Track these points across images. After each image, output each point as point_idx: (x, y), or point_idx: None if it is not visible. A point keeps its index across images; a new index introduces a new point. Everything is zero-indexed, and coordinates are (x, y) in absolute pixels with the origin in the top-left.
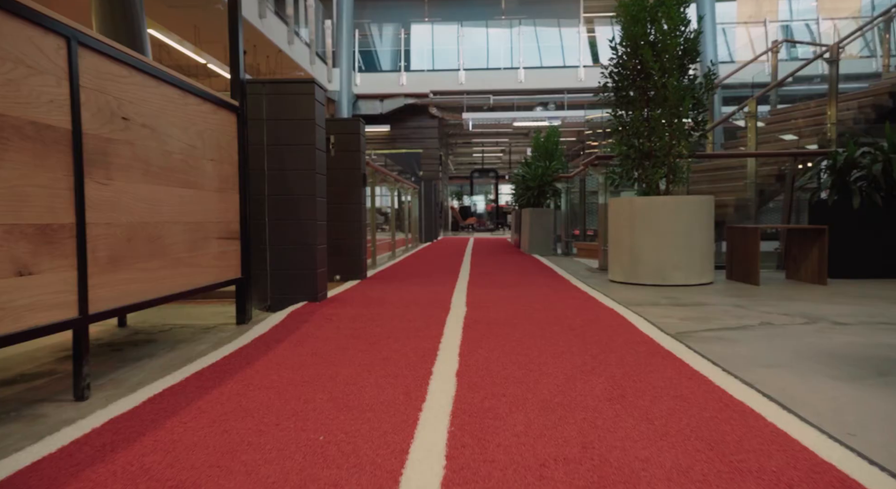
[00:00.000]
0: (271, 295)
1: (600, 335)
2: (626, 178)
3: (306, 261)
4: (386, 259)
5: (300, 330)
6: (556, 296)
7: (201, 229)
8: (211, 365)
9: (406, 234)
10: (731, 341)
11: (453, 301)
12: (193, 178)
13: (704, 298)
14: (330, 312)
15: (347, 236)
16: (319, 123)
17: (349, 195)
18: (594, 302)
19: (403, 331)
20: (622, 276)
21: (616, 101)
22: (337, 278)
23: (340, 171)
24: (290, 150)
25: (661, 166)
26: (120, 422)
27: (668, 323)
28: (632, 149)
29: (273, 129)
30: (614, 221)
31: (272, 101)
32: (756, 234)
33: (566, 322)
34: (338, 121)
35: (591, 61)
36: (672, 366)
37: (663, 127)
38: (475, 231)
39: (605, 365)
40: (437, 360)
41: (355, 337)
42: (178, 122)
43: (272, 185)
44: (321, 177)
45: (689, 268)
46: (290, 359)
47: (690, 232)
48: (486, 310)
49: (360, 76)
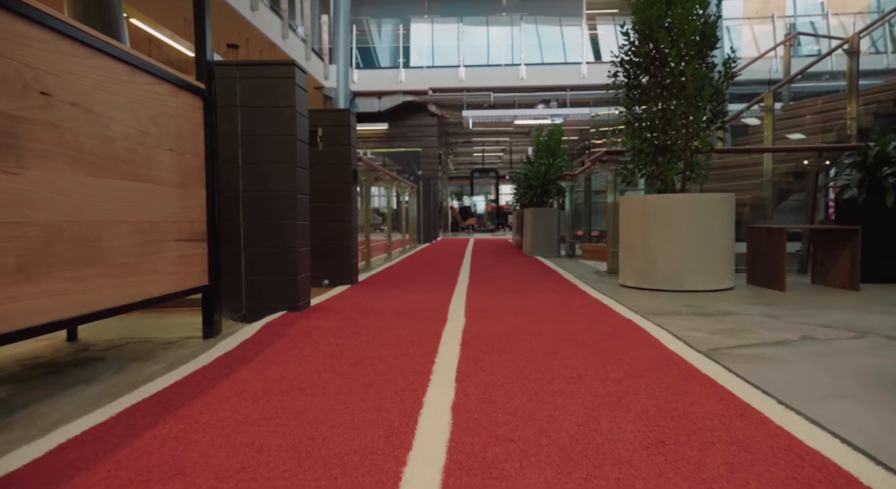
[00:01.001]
0: (246, 304)
1: (621, 353)
2: (638, 174)
3: (286, 265)
4: (382, 261)
5: (272, 346)
6: (565, 304)
7: (156, 230)
8: (155, 394)
9: (403, 235)
10: (774, 361)
11: (451, 310)
12: (145, 169)
13: (729, 306)
14: (310, 324)
15: (337, 238)
16: (301, 111)
17: (339, 193)
18: (607, 311)
19: (392, 349)
20: (634, 281)
21: (628, 92)
22: (325, 283)
23: (329, 166)
24: (268, 141)
25: (678, 161)
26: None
27: (696, 337)
28: (645, 143)
29: (248, 116)
30: (625, 221)
31: (247, 86)
32: (782, 236)
33: (579, 336)
34: (326, 112)
35: (593, 58)
36: (714, 395)
37: (679, 119)
38: (475, 232)
39: (632, 394)
40: (429, 387)
41: (335, 355)
42: (124, 104)
43: (247, 181)
44: (303, 171)
45: (708, 273)
46: (253, 386)
47: (710, 232)
48: (488, 321)
49: (357, 73)
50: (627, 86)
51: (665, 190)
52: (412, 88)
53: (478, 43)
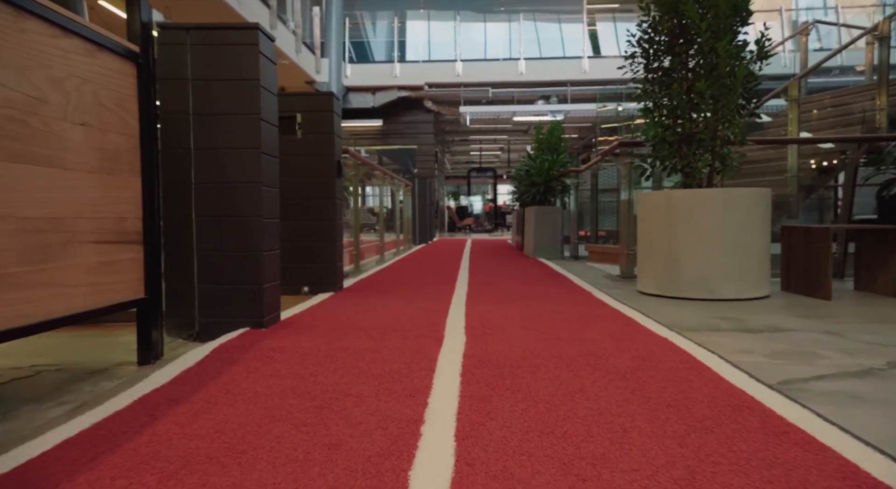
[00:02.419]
0: (200, 319)
1: (668, 389)
2: (659, 167)
3: (249, 272)
4: (373, 264)
5: (220, 378)
6: (582, 316)
7: (60, 229)
8: (16, 468)
9: (398, 236)
10: (876, 403)
11: (448, 324)
12: (40, 148)
13: (774, 319)
14: (275, 346)
15: (318, 238)
16: (267, 86)
17: (320, 188)
18: (633, 325)
19: (373, 382)
20: (656, 287)
21: (647, 76)
22: (305, 291)
23: (309, 157)
24: (227, 122)
25: (706, 152)
26: None
27: (755, 364)
28: (668, 131)
29: (202, 92)
30: (645, 220)
31: (200, 55)
32: (826, 237)
33: (609, 362)
34: (306, 95)
35: (593, 53)
36: (829, 466)
37: (708, 103)
38: (472, 232)
39: (710, 465)
40: (418, 450)
41: (298, 393)
42: (6, 58)
43: (202, 169)
44: (270, 159)
45: (742, 278)
46: (172, 447)
47: (744, 232)
48: (493, 339)
49: (350, 67)
50: (647, 69)
51: (691, 185)
52: (407, 83)
53: (475, 37)
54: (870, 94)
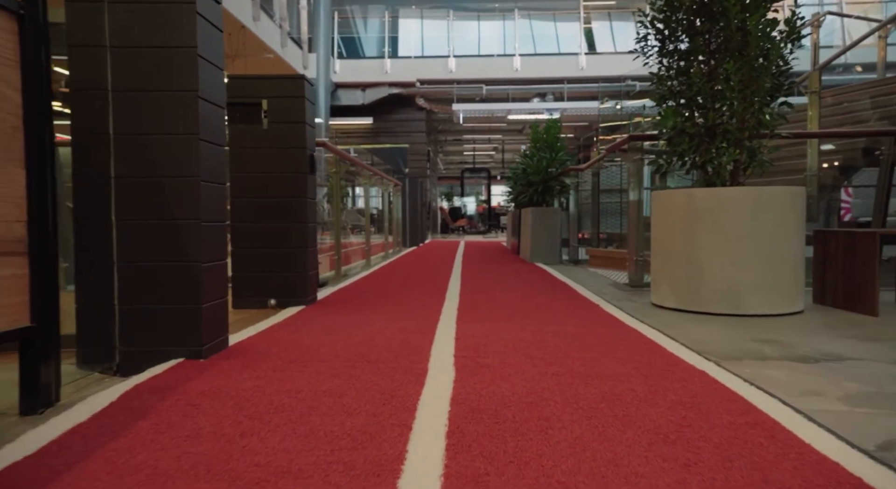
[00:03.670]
0: (121, 347)
1: (736, 464)
2: (677, 163)
3: (183, 289)
4: (359, 269)
5: (115, 442)
6: (595, 339)
7: None
8: None
9: (386, 238)
10: None
11: (434, 352)
12: None
13: (825, 343)
14: (205, 388)
15: (287, 244)
16: (210, 57)
17: (290, 186)
18: (660, 352)
19: (324, 448)
20: (673, 300)
21: (661, 59)
22: (271, 304)
23: (277, 150)
24: (156, 101)
25: (733, 146)
26: None
27: (835, 416)
28: (689, 122)
29: (124, 62)
30: (662, 223)
31: (121, 15)
32: (873, 244)
33: (643, 413)
34: (272, 79)
35: (588, 50)
36: None
37: (735, 89)
38: (466, 234)
39: None
40: None
41: (213, 472)
42: None
43: (123, 160)
44: (213, 148)
45: (774, 291)
46: None
47: (777, 237)
48: (489, 374)
49: (339, 63)
50: (661, 52)
51: (714, 183)
52: (399, 80)
53: (469, 32)
54: (890, 88)
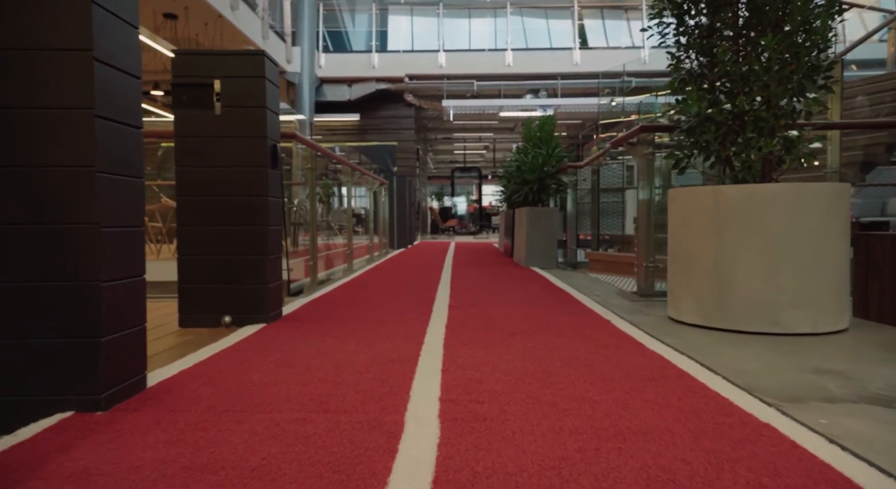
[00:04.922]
0: None
1: None
2: (701, 156)
3: (75, 317)
4: (340, 273)
5: None
6: (613, 367)
7: None
8: None
9: (371, 240)
10: None
11: (413, 395)
12: None
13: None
14: (80, 467)
15: (245, 251)
16: (114, 8)
17: (247, 182)
18: (700, 389)
19: None
20: (696, 315)
21: (678, 37)
22: (226, 322)
23: (232, 140)
24: (33, 64)
25: (771, 136)
26: None
27: None
28: (715, 108)
29: None
30: (682, 225)
31: None
32: None
33: None
34: (226, 55)
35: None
36: None
37: (773, 68)
38: (456, 234)
39: None
40: None
41: None
42: None
43: None
44: (122, 129)
45: (818, 306)
46: None
47: (820, 243)
48: (486, 431)
49: (325, 57)
50: (679, 29)
51: (745, 179)
52: (387, 75)
53: (460, 27)
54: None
